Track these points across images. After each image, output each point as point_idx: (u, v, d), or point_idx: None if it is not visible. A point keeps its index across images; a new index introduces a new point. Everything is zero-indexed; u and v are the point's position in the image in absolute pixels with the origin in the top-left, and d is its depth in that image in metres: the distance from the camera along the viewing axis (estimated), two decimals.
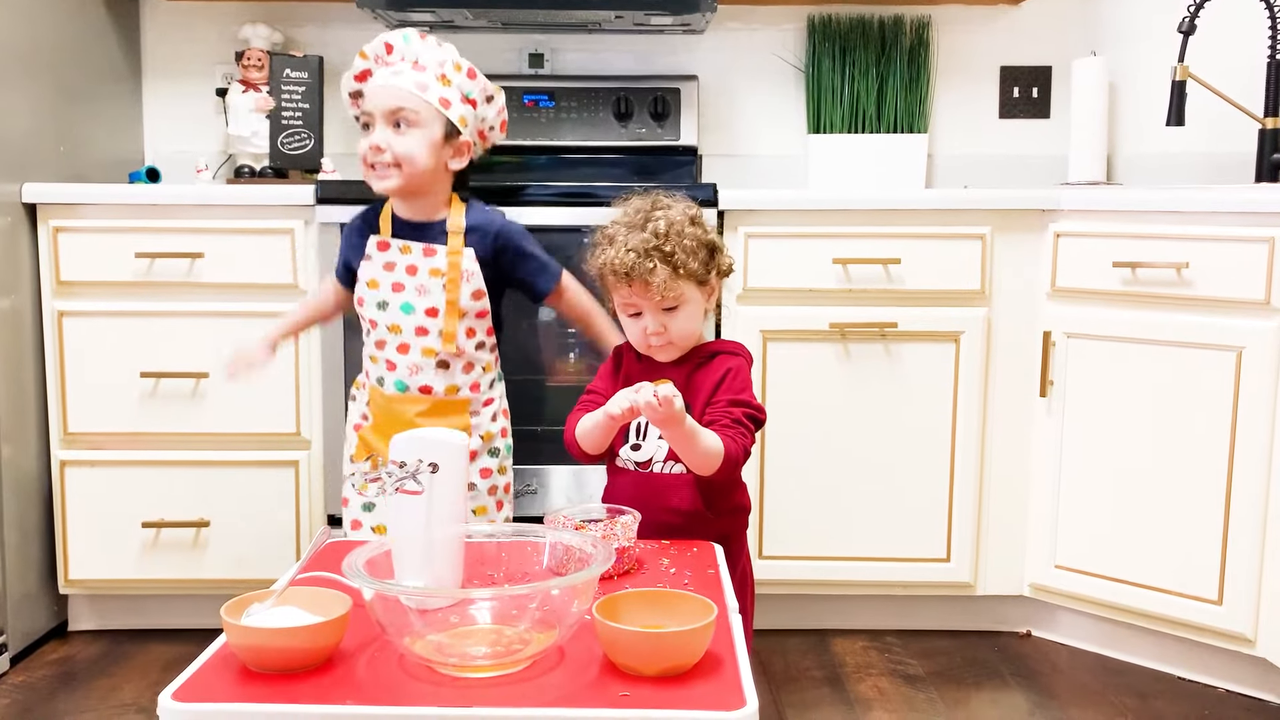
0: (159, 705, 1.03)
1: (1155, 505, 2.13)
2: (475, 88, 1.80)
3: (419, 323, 1.74)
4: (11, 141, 2.19)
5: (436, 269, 1.75)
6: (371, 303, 1.77)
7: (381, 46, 1.76)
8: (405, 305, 1.75)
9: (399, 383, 1.76)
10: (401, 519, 1.26)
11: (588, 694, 1.05)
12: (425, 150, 1.73)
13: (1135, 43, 2.68)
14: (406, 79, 1.73)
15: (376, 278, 1.77)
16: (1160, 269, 2.08)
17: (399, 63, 1.75)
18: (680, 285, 1.57)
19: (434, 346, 1.75)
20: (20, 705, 2.04)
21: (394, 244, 1.77)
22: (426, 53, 1.76)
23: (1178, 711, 2.04)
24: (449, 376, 1.77)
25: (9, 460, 2.18)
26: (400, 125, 1.72)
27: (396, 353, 1.76)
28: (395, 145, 1.72)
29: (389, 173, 1.73)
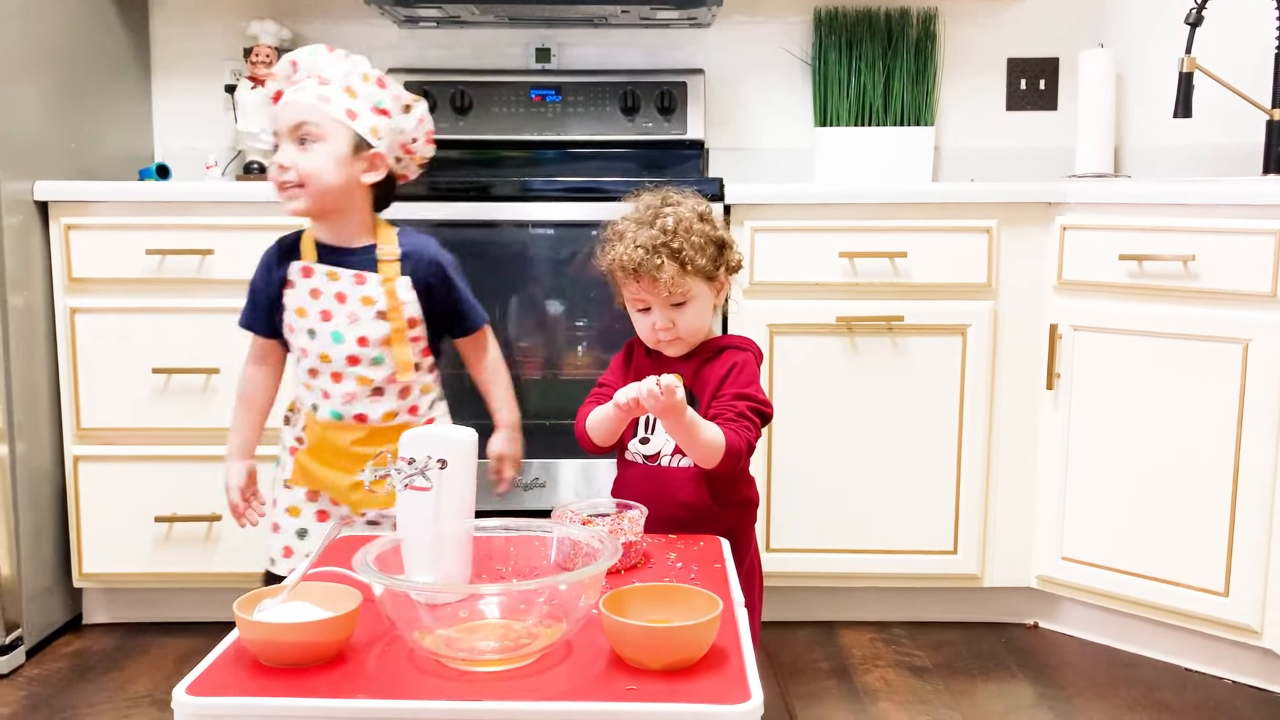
0: (173, 699, 1.04)
1: (1162, 497, 2.13)
2: (386, 97, 1.70)
3: (350, 352, 1.66)
4: (23, 140, 2.21)
5: (368, 298, 1.66)
6: (301, 330, 1.68)
7: (288, 65, 1.69)
8: (335, 334, 1.66)
9: (334, 411, 1.68)
10: (411, 515, 1.28)
11: (595, 688, 1.06)
12: (330, 165, 1.63)
13: (1142, 34, 2.68)
14: (309, 93, 1.64)
15: (304, 305, 1.67)
16: (1167, 261, 2.08)
17: (304, 79, 1.67)
18: (688, 281, 1.58)
19: (368, 375, 1.67)
20: (36, 697, 2.06)
21: (318, 269, 1.67)
22: (331, 66, 1.67)
23: (1184, 703, 2.04)
24: (385, 403, 1.69)
25: (23, 456, 2.20)
26: (304, 142, 1.63)
27: (330, 381, 1.68)
28: (299, 163, 1.62)
29: (296, 193, 1.64)
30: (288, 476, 1.74)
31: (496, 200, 2.26)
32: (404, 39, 2.79)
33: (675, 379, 1.45)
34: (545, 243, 2.33)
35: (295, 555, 1.72)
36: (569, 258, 2.31)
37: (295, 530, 1.73)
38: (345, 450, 1.68)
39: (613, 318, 2.29)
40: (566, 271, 2.32)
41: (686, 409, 1.47)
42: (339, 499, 1.72)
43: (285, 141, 1.64)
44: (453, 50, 2.80)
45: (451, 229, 2.28)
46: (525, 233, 2.31)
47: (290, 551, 1.73)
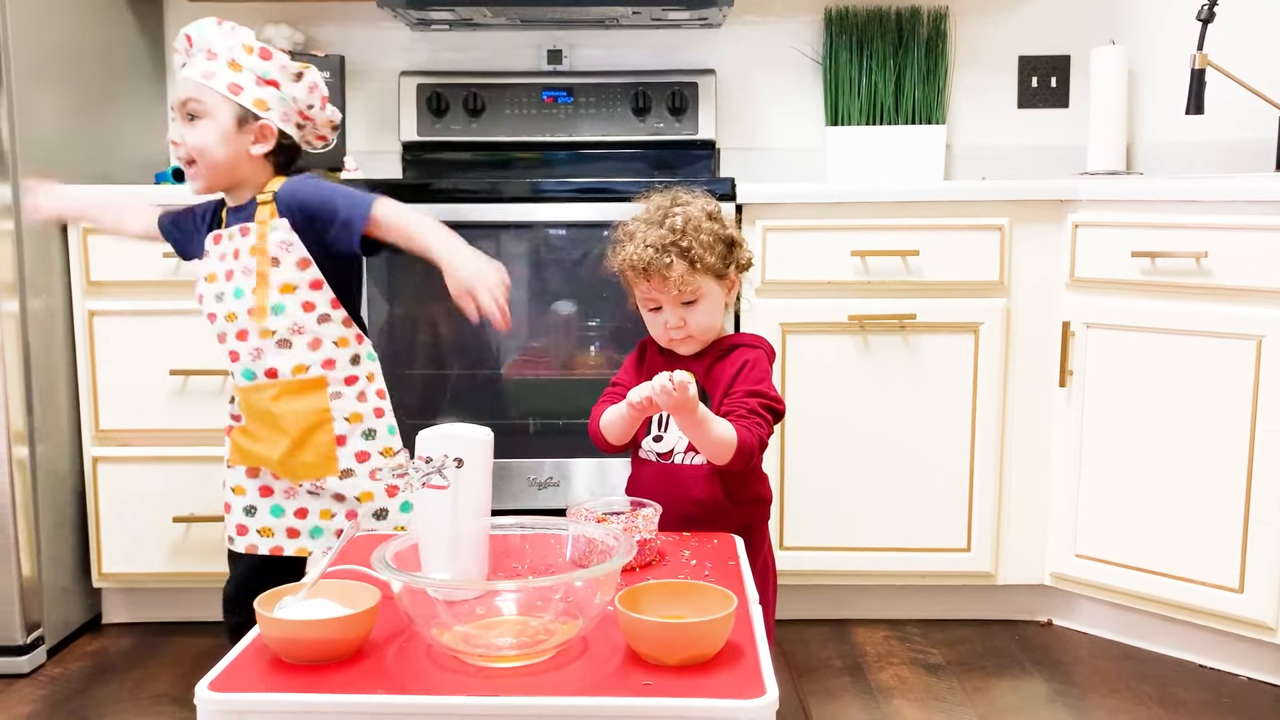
0: (196, 695, 1.06)
1: (1176, 494, 2.13)
2: (273, 68, 1.70)
3: (249, 303, 1.66)
4: (42, 144, 2.23)
5: (254, 246, 1.67)
6: (210, 297, 1.71)
7: (183, 39, 1.71)
8: (236, 291, 1.68)
9: (246, 371, 1.69)
10: (428, 513, 1.29)
11: (611, 683, 1.07)
12: (216, 139, 1.65)
13: (1154, 31, 2.67)
14: (195, 70, 1.67)
15: (213, 270, 1.71)
16: (1180, 258, 2.08)
17: (197, 54, 1.70)
18: (698, 280, 1.59)
19: (269, 326, 1.66)
20: (57, 696, 2.09)
21: (224, 233, 1.71)
22: (220, 40, 1.68)
23: (1199, 699, 2.04)
24: (294, 355, 1.68)
25: (43, 458, 2.22)
26: (192, 118, 1.66)
27: (236, 340, 1.68)
28: (187, 138, 1.66)
29: (189, 170, 1.69)
30: (228, 458, 1.77)
31: (508, 202, 2.27)
32: (417, 42, 2.81)
33: (688, 375, 1.46)
34: (557, 243, 2.34)
35: (249, 533, 1.76)
36: (581, 258, 2.32)
37: (243, 508, 1.76)
38: (267, 411, 1.69)
39: (625, 317, 2.30)
40: (579, 272, 2.33)
41: (699, 405, 1.48)
42: (276, 471, 1.72)
43: (175, 118, 1.69)
44: (465, 53, 2.82)
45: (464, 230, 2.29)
46: (537, 233, 2.32)
47: (244, 529, 1.76)
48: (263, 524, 1.75)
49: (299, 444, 1.69)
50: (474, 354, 2.35)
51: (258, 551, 1.76)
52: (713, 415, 1.53)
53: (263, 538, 1.75)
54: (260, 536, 1.75)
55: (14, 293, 2.14)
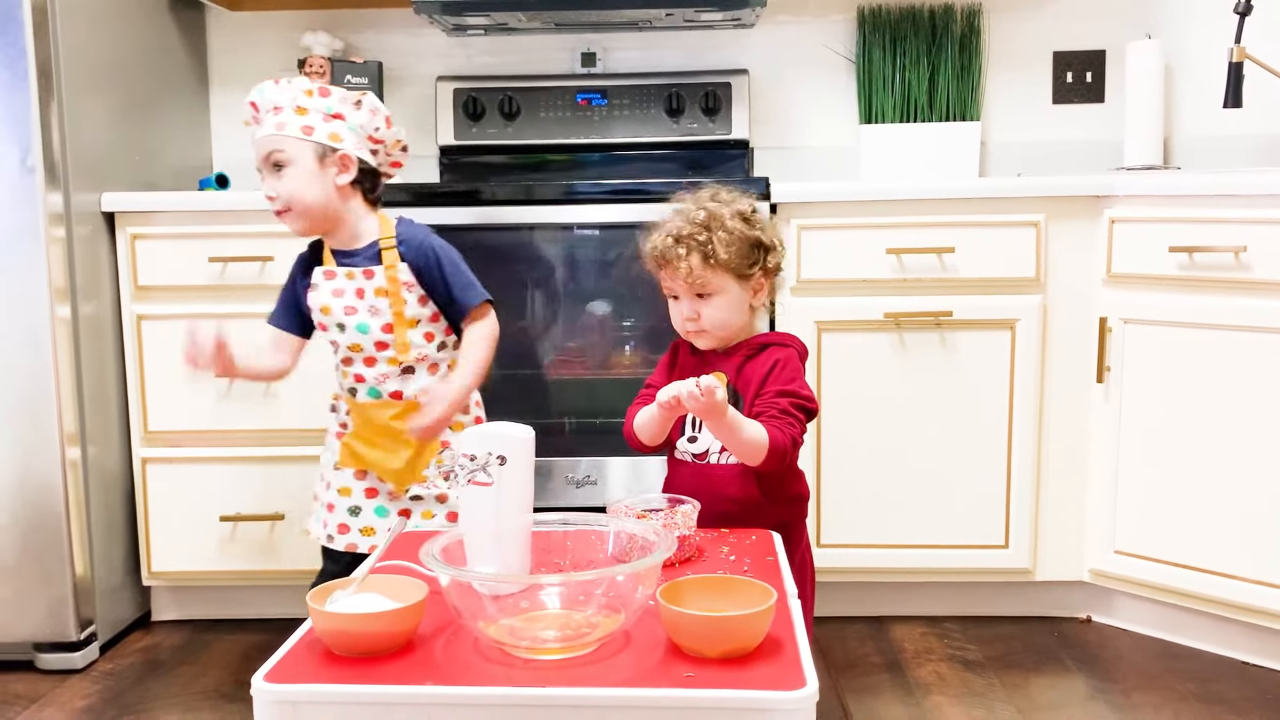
0: (252, 686, 1.09)
1: (1215, 489, 2.12)
2: (334, 102, 1.81)
3: (378, 338, 1.80)
4: (92, 153, 2.29)
5: (380, 288, 1.80)
6: (331, 326, 1.82)
7: (249, 109, 1.82)
8: (361, 325, 1.80)
9: (371, 390, 1.82)
10: (473, 509, 1.32)
11: (654, 675, 1.09)
12: (305, 182, 1.76)
13: (1190, 24, 2.66)
14: (268, 125, 1.78)
15: (328, 303, 1.81)
16: (1218, 253, 2.07)
17: (264, 114, 1.80)
18: (712, 274, 1.60)
19: (396, 357, 1.80)
20: (110, 691, 2.14)
21: (339, 271, 1.82)
22: (279, 95, 1.79)
23: (1240, 695, 2.03)
24: (417, 380, 1.82)
25: (94, 459, 2.28)
26: (279, 168, 1.77)
27: (363, 366, 1.81)
28: (279, 189, 1.77)
29: (285, 217, 1.80)
30: (336, 460, 1.86)
31: (544, 204, 2.30)
32: (453, 47, 2.85)
33: (715, 379, 1.47)
34: (592, 244, 2.36)
35: (351, 531, 1.84)
36: (615, 259, 2.35)
37: (348, 509, 1.85)
38: (385, 427, 1.81)
39: (659, 317, 2.31)
40: (613, 272, 2.35)
41: (728, 409, 1.49)
42: (384, 477, 1.83)
43: (264, 174, 1.80)
44: (501, 57, 2.85)
45: (500, 233, 2.33)
46: (572, 235, 2.35)
47: (346, 528, 1.85)
48: (365, 524, 1.84)
49: (419, 455, 1.82)
50: (513, 355, 2.37)
51: (357, 550, 1.84)
52: (743, 418, 1.53)
53: (364, 537, 1.84)
54: (362, 536, 1.84)
55: (65, 298, 2.19)
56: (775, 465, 1.55)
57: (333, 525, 1.86)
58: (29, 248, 2.14)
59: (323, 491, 1.89)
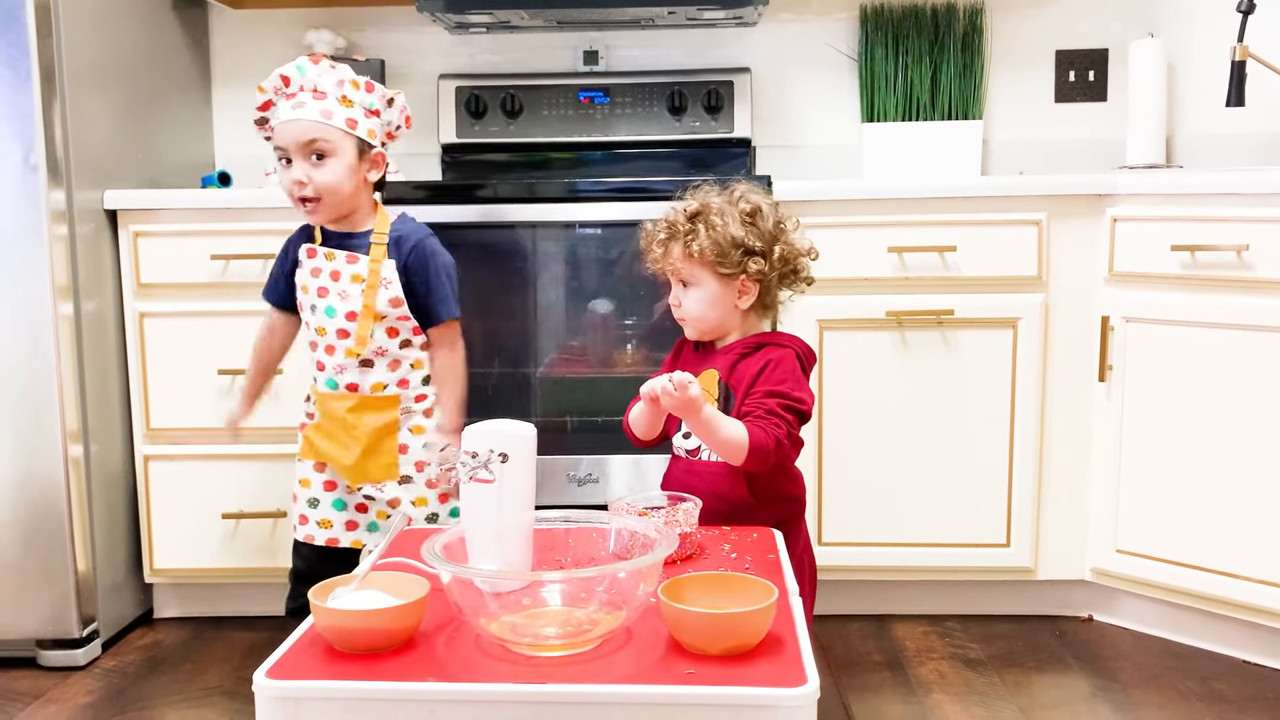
0: (254, 682, 1.09)
1: (1217, 489, 2.12)
2: (375, 99, 1.81)
3: (339, 325, 1.79)
4: (94, 150, 2.29)
5: (357, 275, 1.79)
6: (305, 306, 1.83)
7: (278, 79, 1.78)
8: (328, 309, 1.80)
9: (329, 380, 1.82)
10: (475, 506, 1.32)
11: (655, 671, 1.10)
12: (344, 175, 1.77)
13: (1193, 23, 2.65)
14: (311, 109, 1.75)
15: (305, 282, 1.83)
16: (1220, 252, 2.07)
17: (299, 93, 1.77)
18: (689, 266, 1.62)
19: (353, 348, 1.80)
20: (113, 688, 2.14)
21: (320, 251, 1.82)
22: (323, 78, 1.78)
23: (1242, 694, 2.03)
24: (374, 374, 1.81)
25: (96, 456, 2.28)
26: (320, 157, 1.76)
27: (324, 353, 1.82)
28: (316, 178, 1.75)
29: (314, 207, 1.78)
30: (299, 450, 1.88)
31: (546, 202, 2.30)
32: (455, 45, 2.85)
33: (687, 375, 1.47)
34: (594, 242, 2.37)
35: (309, 524, 1.87)
36: (618, 257, 2.35)
37: (306, 500, 1.87)
38: (342, 419, 1.82)
39: (660, 316, 2.32)
40: (615, 271, 2.35)
41: (703, 406, 1.49)
42: (338, 472, 1.84)
43: (297, 158, 1.76)
44: (503, 55, 2.85)
45: (501, 230, 2.33)
46: (574, 233, 2.35)
47: (305, 519, 1.88)
48: (323, 516, 1.85)
49: (368, 452, 1.81)
50: (514, 354, 2.38)
51: (314, 542, 1.85)
52: (721, 416, 1.53)
53: (321, 529, 1.85)
54: (319, 528, 1.85)
55: (68, 296, 2.20)
56: (759, 465, 1.54)
57: (294, 516, 1.89)
58: (32, 245, 2.14)
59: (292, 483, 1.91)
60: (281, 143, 1.77)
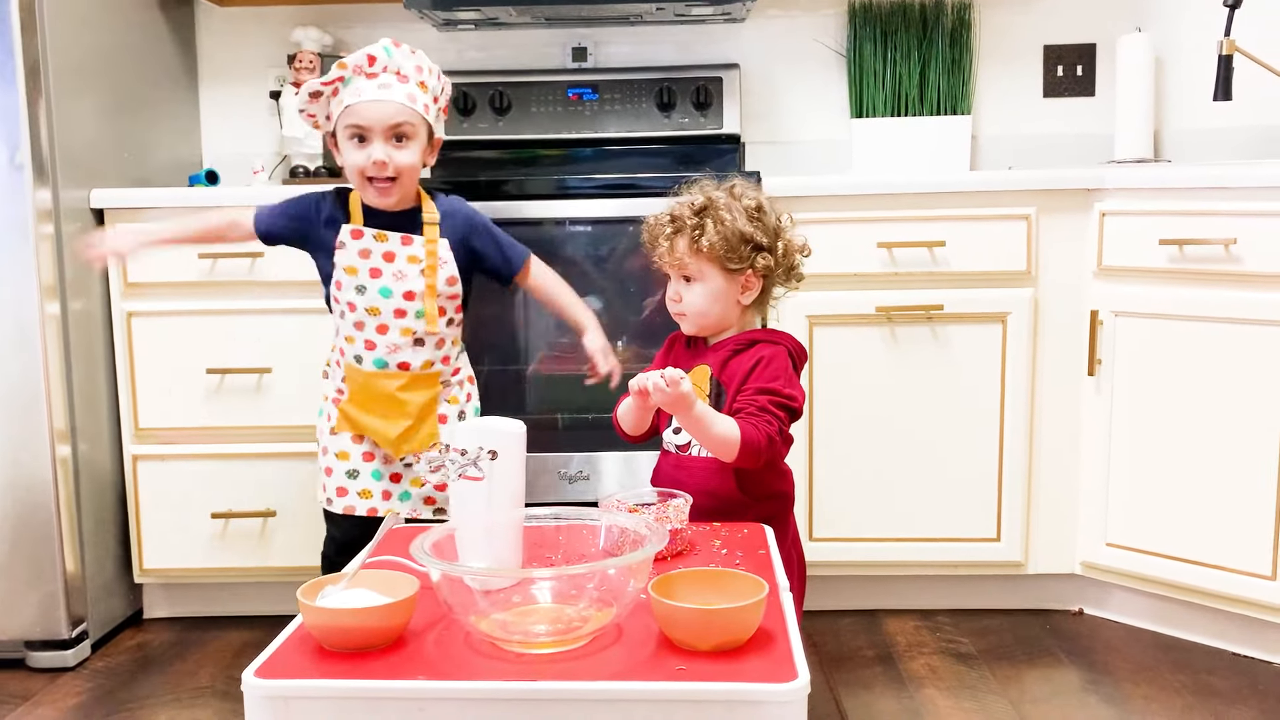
0: (243, 682, 1.09)
1: (1206, 481, 2.12)
2: (441, 86, 1.86)
3: (397, 305, 1.83)
4: (80, 149, 2.28)
5: (414, 256, 1.83)
6: (349, 287, 1.83)
7: (364, 57, 1.79)
8: (384, 289, 1.82)
9: (378, 360, 1.84)
10: (464, 504, 1.32)
11: (645, 668, 1.09)
12: (419, 158, 1.82)
13: (1180, 17, 2.66)
14: (398, 92, 1.77)
15: (352, 264, 1.83)
16: (1208, 245, 2.08)
17: (382, 73, 1.78)
18: (695, 260, 1.62)
19: (411, 327, 1.83)
20: (103, 689, 2.13)
21: (368, 232, 1.83)
22: (406, 62, 1.80)
23: (1232, 686, 2.04)
24: (424, 352, 1.86)
25: (85, 456, 2.27)
26: (401, 139, 1.79)
27: (376, 333, 1.84)
28: (397, 159, 1.78)
29: (391, 188, 1.80)
30: (333, 425, 1.89)
31: (535, 199, 2.30)
32: (443, 42, 2.84)
33: (679, 372, 1.47)
34: (584, 239, 2.36)
35: (349, 495, 1.88)
36: (608, 254, 2.34)
37: (345, 471, 1.89)
38: (390, 395, 1.85)
39: (652, 312, 2.32)
40: (606, 268, 2.35)
41: (695, 403, 1.49)
42: (380, 443, 1.86)
43: (379, 138, 1.78)
44: (491, 52, 2.85)
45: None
46: (564, 230, 2.35)
47: (344, 491, 1.89)
48: (363, 487, 1.88)
49: (416, 425, 1.85)
50: (506, 350, 2.37)
51: (355, 512, 1.88)
52: (713, 413, 1.53)
53: (362, 500, 1.88)
54: (360, 499, 1.88)
55: (55, 295, 2.19)
56: (750, 462, 1.54)
57: (331, 489, 1.89)
58: (18, 245, 2.13)
59: (320, 458, 1.91)
60: (364, 121, 1.77)
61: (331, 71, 1.80)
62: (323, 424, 1.92)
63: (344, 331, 1.87)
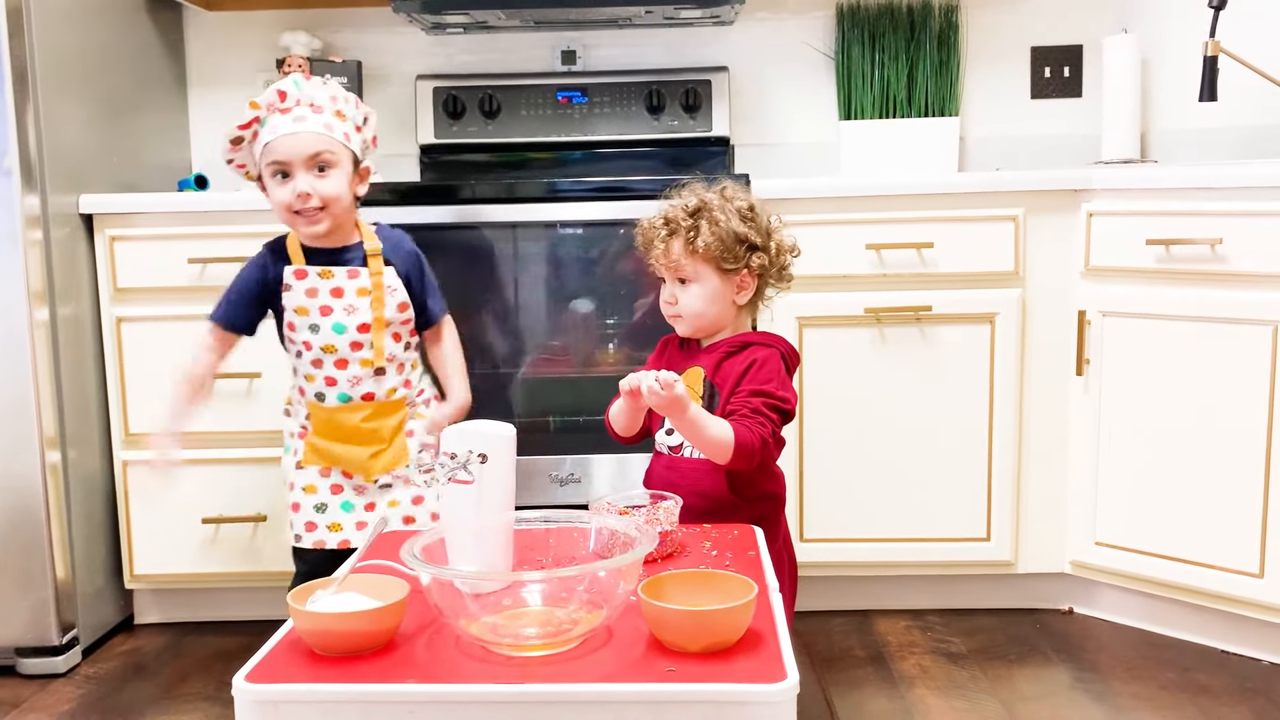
0: (233, 687, 1.09)
1: (1195, 480, 2.14)
2: (359, 114, 1.85)
3: (352, 339, 1.81)
4: (68, 154, 2.27)
5: (363, 288, 1.82)
6: (302, 327, 1.82)
7: (274, 94, 1.79)
8: (337, 326, 1.81)
9: (341, 395, 1.83)
10: (454, 508, 1.32)
11: (636, 670, 1.10)
12: (344, 187, 1.80)
13: (1166, 18, 2.67)
14: (314, 123, 1.77)
15: (301, 304, 1.82)
16: (1195, 245, 2.09)
17: (295, 107, 1.78)
18: (692, 261, 1.62)
19: (369, 358, 1.83)
20: (93, 696, 2.13)
21: (311, 270, 1.82)
22: (318, 93, 1.80)
23: (1221, 684, 2.05)
24: (387, 381, 1.85)
25: (75, 462, 2.27)
26: (323, 169, 1.78)
27: (335, 369, 1.82)
28: (321, 189, 1.77)
29: (319, 216, 1.79)
30: (299, 459, 1.87)
31: (525, 202, 2.30)
32: (433, 46, 2.84)
33: (673, 375, 1.47)
34: (574, 242, 2.37)
35: (318, 529, 1.86)
36: (598, 257, 2.35)
37: (313, 506, 1.87)
38: (356, 428, 1.84)
39: (643, 315, 2.32)
40: (596, 270, 2.35)
41: (689, 405, 1.49)
42: (352, 470, 1.85)
43: (300, 170, 1.77)
44: (480, 55, 2.85)
45: (481, 231, 2.33)
46: (554, 233, 2.35)
47: (313, 526, 1.87)
48: (332, 520, 1.86)
49: (388, 448, 1.85)
50: (495, 354, 2.37)
51: (325, 546, 1.85)
52: (707, 415, 1.53)
53: (331, 533, 1.86)
54: (329, 532, 1.86)
55: (44, 301, 2.18)
56: (744, 464, 1.55)
57: (299, 524, 1.87)
58: (6, 251, 2.12)
59: (288, 494, 1.89)
60: (283, 156, 1.77)
61: (245, 114, 1.80)
62: (288, 460, 1.89)
63: (302, 370, 1.85)
